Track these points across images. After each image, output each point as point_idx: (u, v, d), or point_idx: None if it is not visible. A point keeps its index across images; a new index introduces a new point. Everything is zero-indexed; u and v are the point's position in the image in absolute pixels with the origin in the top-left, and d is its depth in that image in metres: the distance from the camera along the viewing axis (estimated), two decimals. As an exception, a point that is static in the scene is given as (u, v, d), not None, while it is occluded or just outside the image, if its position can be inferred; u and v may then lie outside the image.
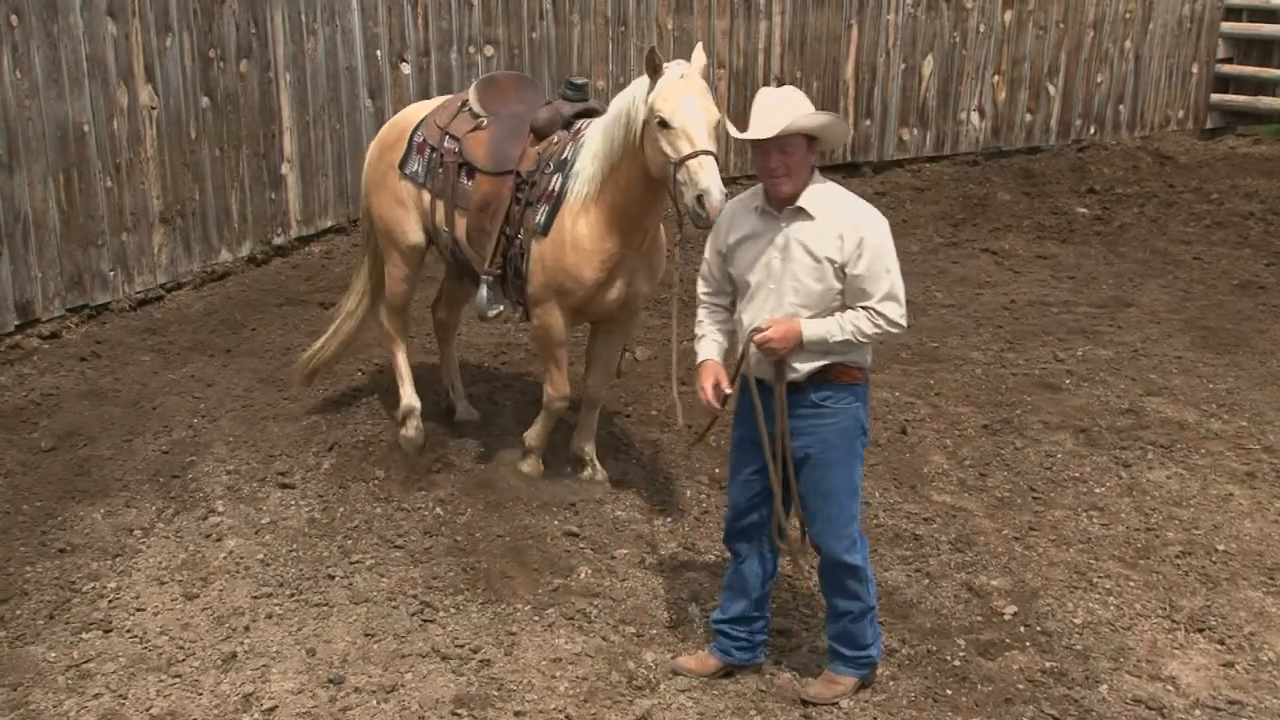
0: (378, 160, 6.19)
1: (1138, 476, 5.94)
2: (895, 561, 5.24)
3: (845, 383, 4.29)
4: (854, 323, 4.16)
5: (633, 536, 5.42)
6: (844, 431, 4.29)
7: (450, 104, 6.05)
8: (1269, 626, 4.75)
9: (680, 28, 10.37)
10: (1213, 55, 12.49)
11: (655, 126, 4.84)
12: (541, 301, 5.52)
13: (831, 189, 4.27)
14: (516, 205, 5.56)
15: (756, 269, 4.28)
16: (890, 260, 4.19)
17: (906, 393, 6.88)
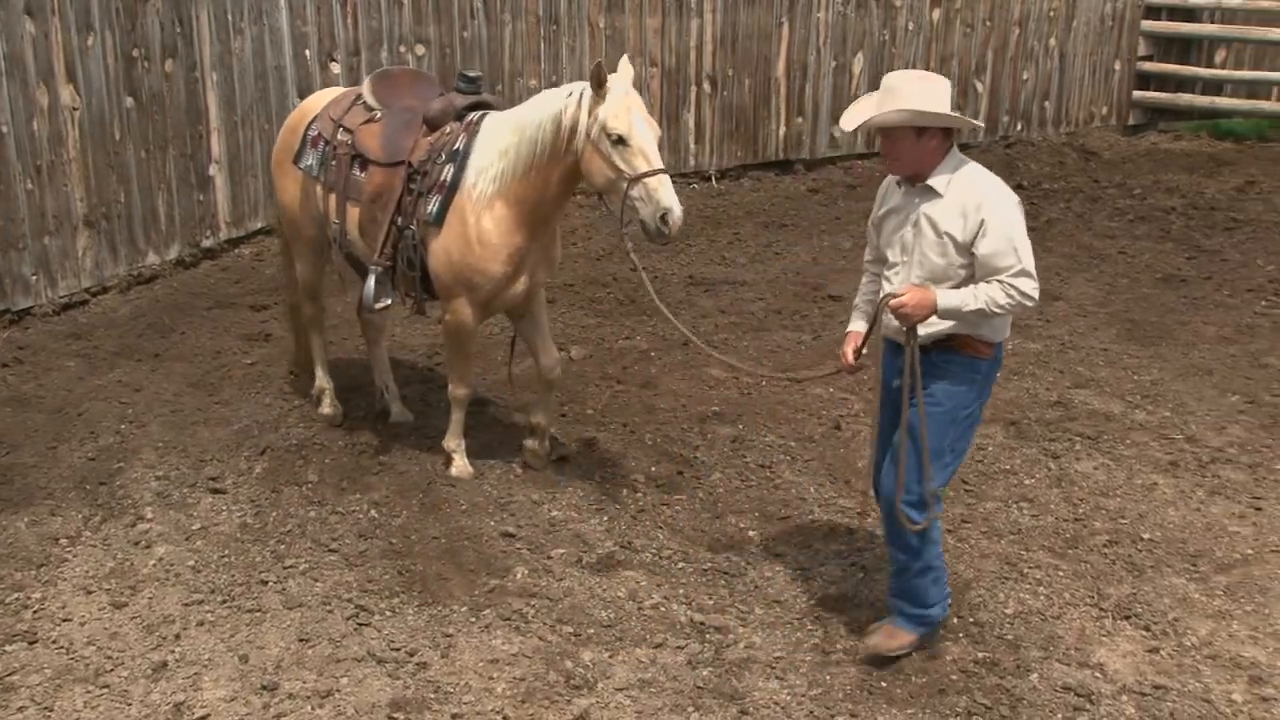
0: (280, 145, 6.31)
1: (1066, 468, 6.03)
2: (831, 556, 5.28)
3: (968, 354, 4.45)
4: (989, 294, 4.26)
5: (569, 536, 5.42)
6: (952, 395, 4.45)
7: (344, 98, 6.06)
8: (1192, 612, 4.85)
9: (612, 26, 10.37)
10: (1134, 53, 12.72)
11: (607, 142, 5.01)
12: (453, 297, 5.59)
13: (964, 169, 4.39)
14: (409, 196, 5.61)
15: (894, 242, 4.52)
16: (1018, 237, 4.29)
17: (840, 388, 6.93)
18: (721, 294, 8.46)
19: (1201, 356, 7.37)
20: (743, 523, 5.55)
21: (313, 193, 6.08)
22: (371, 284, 5.66)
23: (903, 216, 4.47)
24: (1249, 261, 9.07)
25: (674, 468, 6.03)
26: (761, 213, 10.23)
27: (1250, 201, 10.54)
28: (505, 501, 5.68)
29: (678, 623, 4.81)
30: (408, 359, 7.22)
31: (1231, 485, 5.83)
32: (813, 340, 7.66)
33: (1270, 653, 4.60)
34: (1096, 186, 11.11)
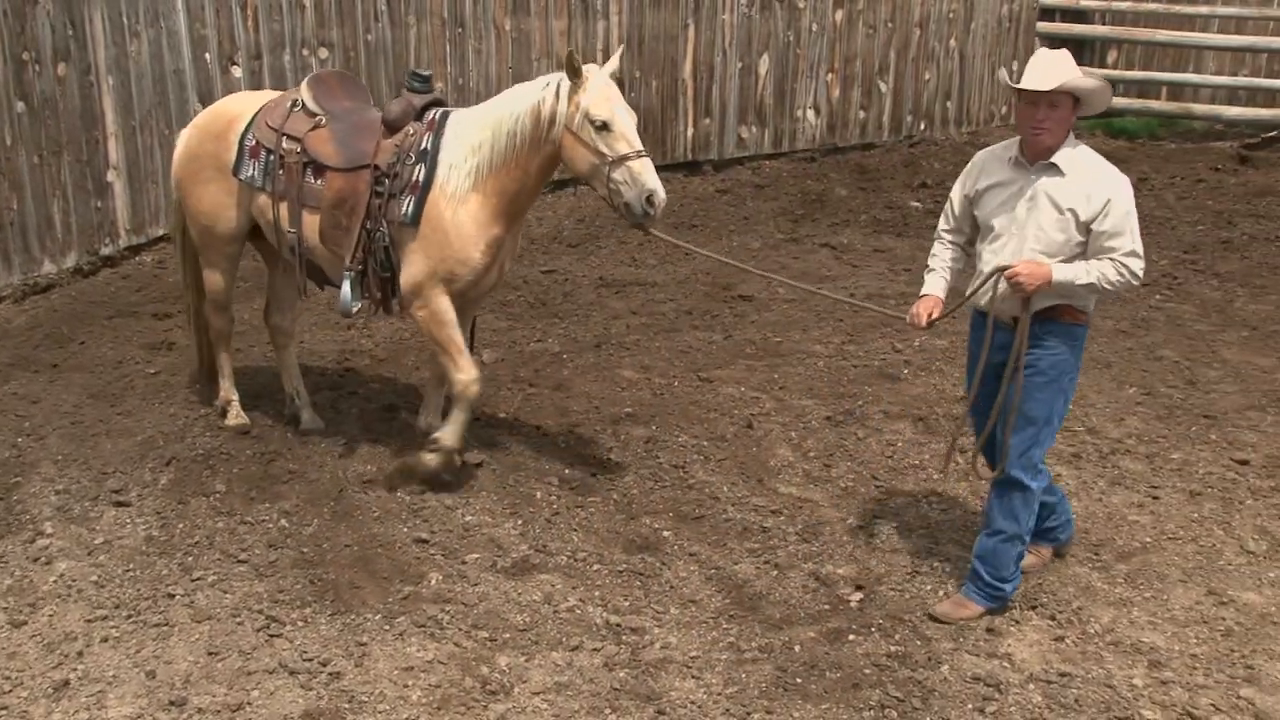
0: (196, 150, 6.05)
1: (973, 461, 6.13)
2: (744, 554, 5.32)
3: (1067, 322, 4.71)
4: (1100, 270, 4.53)
5: (483, 541, 5.39)
6: (1056, 364, 4.72)
7: (278, 104, 5.93)
8: (1095, 600, 4.97)
9: (518, 29, 10.34)
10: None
11: (590, 128, 5.21)
12: (423, 290, 5.58)
13: (1083, 150, 4.67)
14: (376, 199, 5.57)
15: (1002, 215, 4.70)
16: (1133, 219, 4.58)
17: (751, 387, 6.98)
18: (632, 295, 8.48)
19: (1100, 350, 7.54)
20: (657, 523, 5.57)
21: (248, 203, 5.92)
22: (347, 290, 5.65)
23: (1014, 190, 4.69)
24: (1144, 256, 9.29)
25: (588, 470, 6.02)
26: (670, 214, 10.26)
27: (1143, 198, 10.76)
28: (418, 507, 5.63)
29: (593, 625, 4.80)
30: (317, 365, 7.13)
31: (1130, 475, 5.98)
32: (724, 340, 7.71)
33: (1168, 637, 4.73)
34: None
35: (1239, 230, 9.86)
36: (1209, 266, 9.09)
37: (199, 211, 6.08)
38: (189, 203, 6.12)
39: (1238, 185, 11.06)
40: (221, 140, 5.97)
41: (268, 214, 5.88)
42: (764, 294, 8.46)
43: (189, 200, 6.11)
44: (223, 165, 5.96)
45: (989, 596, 4.87)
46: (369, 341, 7.62)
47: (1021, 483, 4.77)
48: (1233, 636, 4.73)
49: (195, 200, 6.07)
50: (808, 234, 9.95)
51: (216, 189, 5.99)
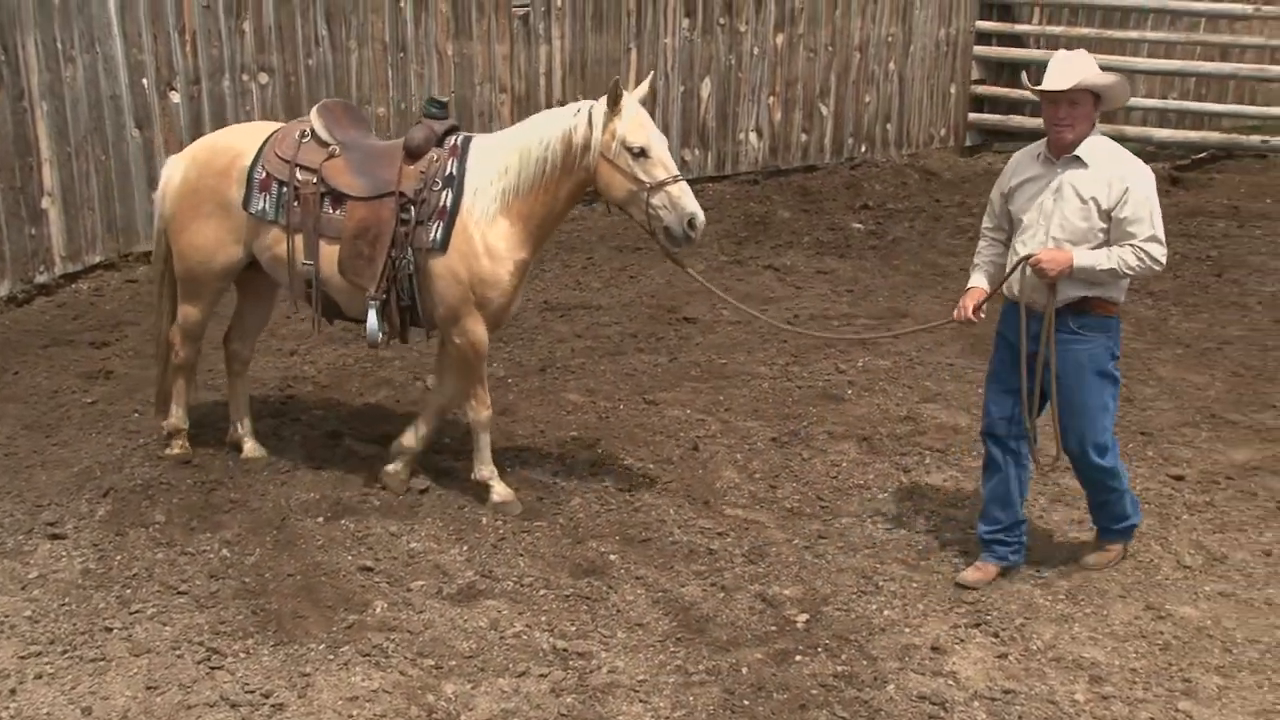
0: (195, 184, 5.87)
1: (917, 481, 6.19)
2: (691, 577, 5.32)
3: (1100, 314, 5.00)
4: (1120, 256, 4.82)
5: (429, 567, 5.35)
6: (1095, 355, 5.02)
7: (285, 135, 5.82)
8: (1037, 616, 5.02)
9: (460, 54, 10.34)
10: (968, 77, 13.21)
11: (627, 155, 5.35)
12: (462, 317, 5.61)
13: (1105, 142, 4.98)
14: (402, 226, 5.54)
15: (1031, 208, 5.01)
16: (1153, 206, 4.86)
17: (697, 409, 7.00)
18: (577, 319, 8.48)
19: (1040, 368, 7.64)
20: (603, 547, 5.55)
21: (251, 238, 5.80)
22: (374, 319, 5.60)
23: (1042, 184, 4.99)
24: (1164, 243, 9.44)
25: (533, 494, 6.00)
26: (615, 237, 10.28)
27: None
28: (363, 535, 5.58)
29: (540, 650, 4.78)
30: (259, 392, 7.05)
31: (1071, 492, 6.04)
32: (669, 362, 7.73)
33: (1109, 652, 4.78)
34: (938, 206, 11.47)
35: (1171, 250, 9.86)
36: (1143, 286, 9.22)
37: (195, 247, 5.88)
38: (182, 237, 5.91)
39: (1169, 206, 11.22)
40: (225, 176, 5.82)
41: (278, 248, 5.76)
42: (709, 316, 8.49)
43: (182, 235, 5.91)
44: (225, 200, 5.80)
45: (1123, 534, 5.38)
46: (312, 368, 7.56)
47: (1100, 466, 5.16)
48: (1171, 650, 4.79)
49: (191, 235, 5.88)
50: (751, 256, 10.01)
51: (217, 224, 5.83)
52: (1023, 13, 13.25)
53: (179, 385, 6.26)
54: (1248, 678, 4.62)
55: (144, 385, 6.98)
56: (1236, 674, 4.64)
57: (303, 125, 5.85)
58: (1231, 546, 5.55)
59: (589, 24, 10.87)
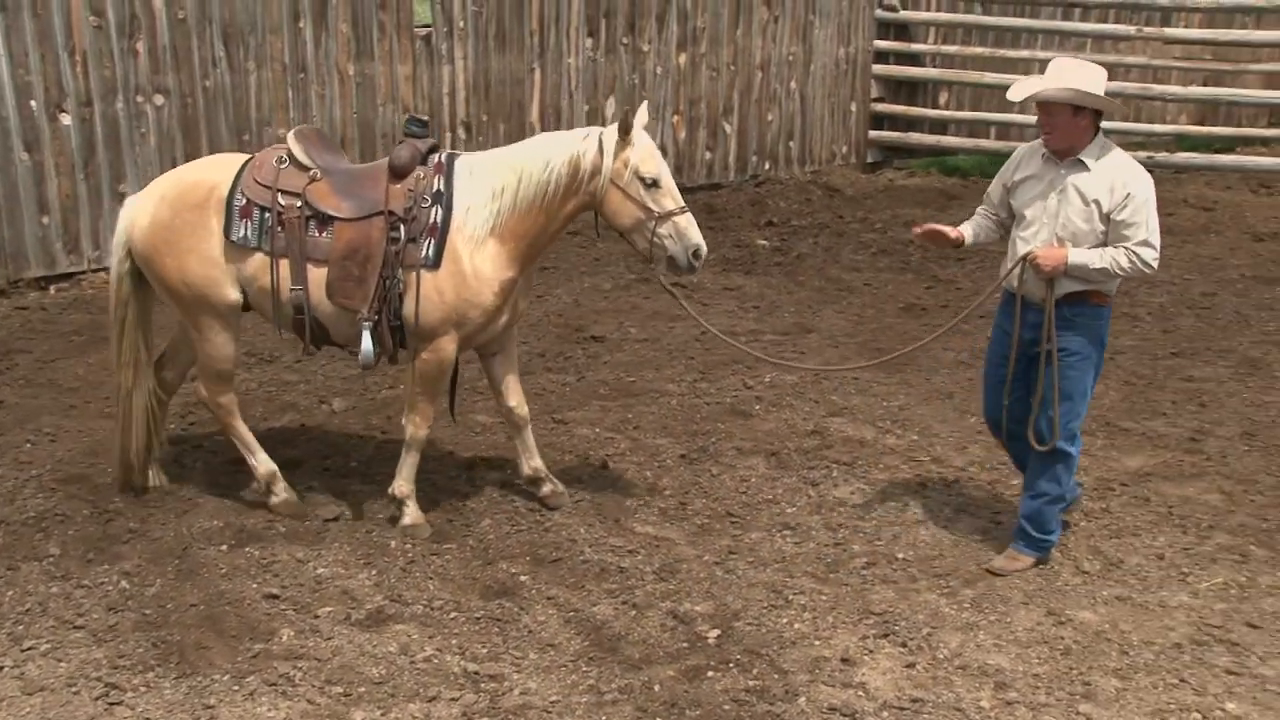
0: (169, 221, 5.68)
1: (825, 494, 6.25)
2: (603, 595, 5.31)
3: (1094, 304, 5.30)
4: (1113, 257, 5.11)
5: (336, 593, 5.27)
6: (1086, 343, 5.32)
7: (262, 162, 5.71)
8: (944, 625, 5.09)
9: (362, 74, 10.25)
10: (867, 95, 13.43)
11: (639, 185, 5.44)
12: (438, 335, 5.59)
13: (1111, 149, 5.23)
14: (392, 245, 5.51)
15: (1034, 205, 5.29)
16: (1150, 212, 5.13)
17: (606, 428, 7.00)
18: (484, 339, 8.44)
19: (942, 381, 7.78)
20: (514, 567, 5.52)
21: (242, 263, 5.65)
22: (369, 342, 5.55)
23: (1045, 184, 5.27)
24: (980, 289, 9.64)
25: (443, 516, 5.96)
26: (522, 256, 10.24)
27: (979, 233, 11.23)
28: (268, 562, 5.48)
29: (451, 674, 4.73)
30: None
31: (974, 503, 6.17)
32: (577, 381, 7.72)
33: (1012, 658, 4.87)
34: (841, 222, 11.63)
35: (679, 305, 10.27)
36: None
37: (186, 283, 5.69)
38: (167, 276, 5.71)
39: (1065, 219, 11.55)
40: (202, 209, 5.67)
41: (262, 275, 5.64)
42: (616, 335, 8.51)
43: (165, 273, 5.71)
44: (208, 231, 5.66)
45: (1037, 548, 5.53)
46: (213, 393, 7.41)
47: (1064, 451, 5.40)
48: (1071, 655, 4.90)
49: (178, 272, 5.68)
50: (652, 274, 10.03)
51: (201, 257, 5.67)
52: (919, 32, 13.52)
53: (241, 430, 5.99)
54: (1144, 679, 4.74)
55: (36, 415, 6.80)
56: (1133, 676, 4.76)
57: (278, 151, 5.76)
58: (1127, 551, 5.69)
59: (491, 44, 10.85)
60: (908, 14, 13.31)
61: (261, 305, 5.77)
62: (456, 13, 10.62)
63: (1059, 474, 5.45)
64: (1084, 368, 5.36)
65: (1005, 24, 13.10)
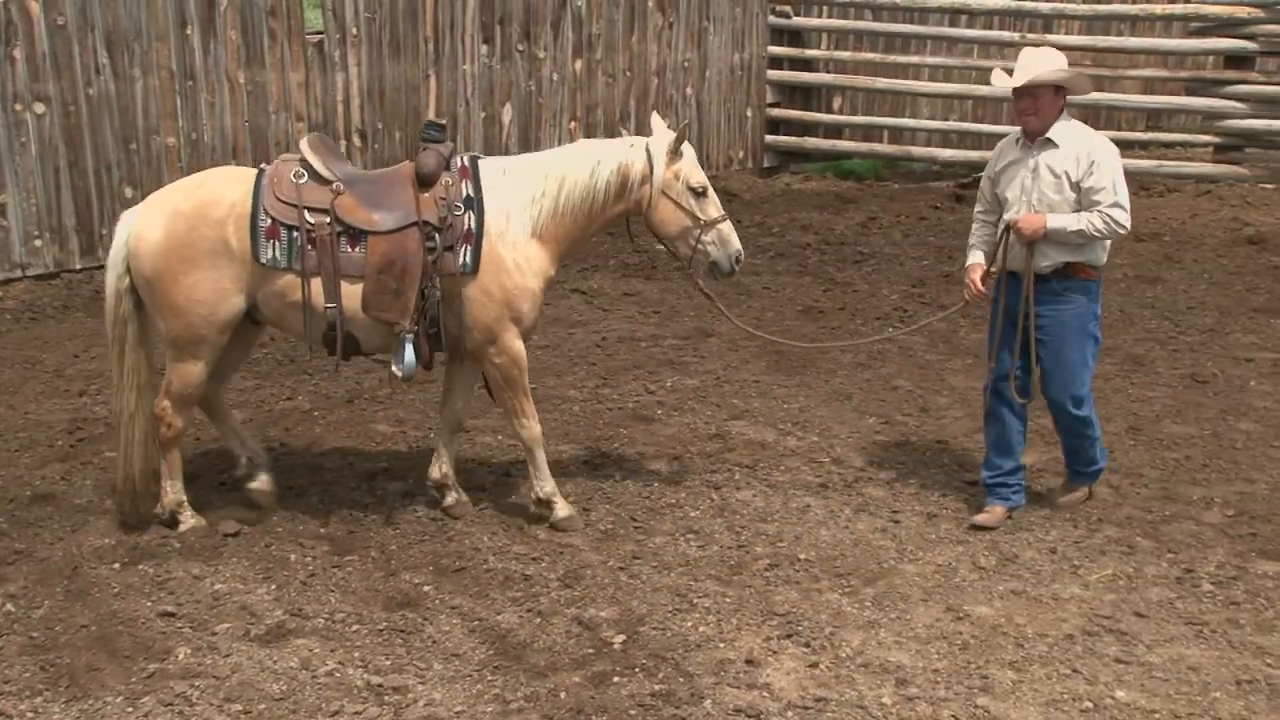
0: (185, 238, 5.48)
1: (727, 497, 6.30)
2: (507, 604, 5.28)
3: (1081, 279, 5.74)
4: (1089, 219, 5.55)
5: (235, 609, 5.17)
6: (1078, 315, 5.76)
7: (279, 177, 5.54)
8: (846, 625, 5.16)
9: (253, 81, 10.08)
10: (763, 100, 13.57)
11: (689, 195, 5.74)
12: (499, 333, 5.68)
13: (1074, 125, 5.72)
14: (429, 255, 5.50)
15: (1013, 186, 5.77)
16: (1117, 176, 5.60)
17: (509, 436, 6.96)
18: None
19: (841, 383, 7.89)
20: (417, 578, 5.47)
21: (254, 287, 5.53)
22: (410, 354, 5.57)
23: (1021, 166, 5.73)
24: (876, 291, 9.81)
25: (344, 527, 5.88)
26: (420, 264, 10.16)
27: (873, 236, 11.42)
28: (163, 579, 5.36)
29: (354, 687, 4.67)
30: (45, 436, 6.71)
31: (874, 502, 6.26)
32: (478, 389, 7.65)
33: (913, 655, 4.95)
34: (739, 226, 11.51)
35: (958, 264, 10.42)
36: (934, 299, 9.64)
37: (194, 301, 5.50)
38: (174, 294, 5.51)
39: (955, 222, 11.79)
40: (222, 226, 5.49)
41: (291, 294, 5.53)
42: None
43: (174, 291, 5.50)
44: (224, 250, 5.49)
45: (1090, 477, 6.12)
46: (103, 409, 7.23)
47: (1078, 415, 5.89)
48: (969, 649, 4.99)
49: (187, 290, 5.49)
50: (558, 279, 9.92)
51: (216, 276, 5.49)
52: (811, 38, 13.70)
53: (173, 456, 5.81)
54: (1038, 670, 4.85)
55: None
56: (1029, 668, 4.87)
57: (291, 165, 5.60)
58: (1021, 546, 5.82)
59: (386, 51, 10.74)
60: (800, 20, 13.49)
61: (286, 322, 5.70)
62: (349, 19, 10.50)
63: (1081, 429, 5.95)
64: (1080, 338, 5.78)
65: (895, 30, 13.33)
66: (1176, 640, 5.05)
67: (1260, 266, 10.29)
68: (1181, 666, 4.86)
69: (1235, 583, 5.48)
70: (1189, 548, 5.80)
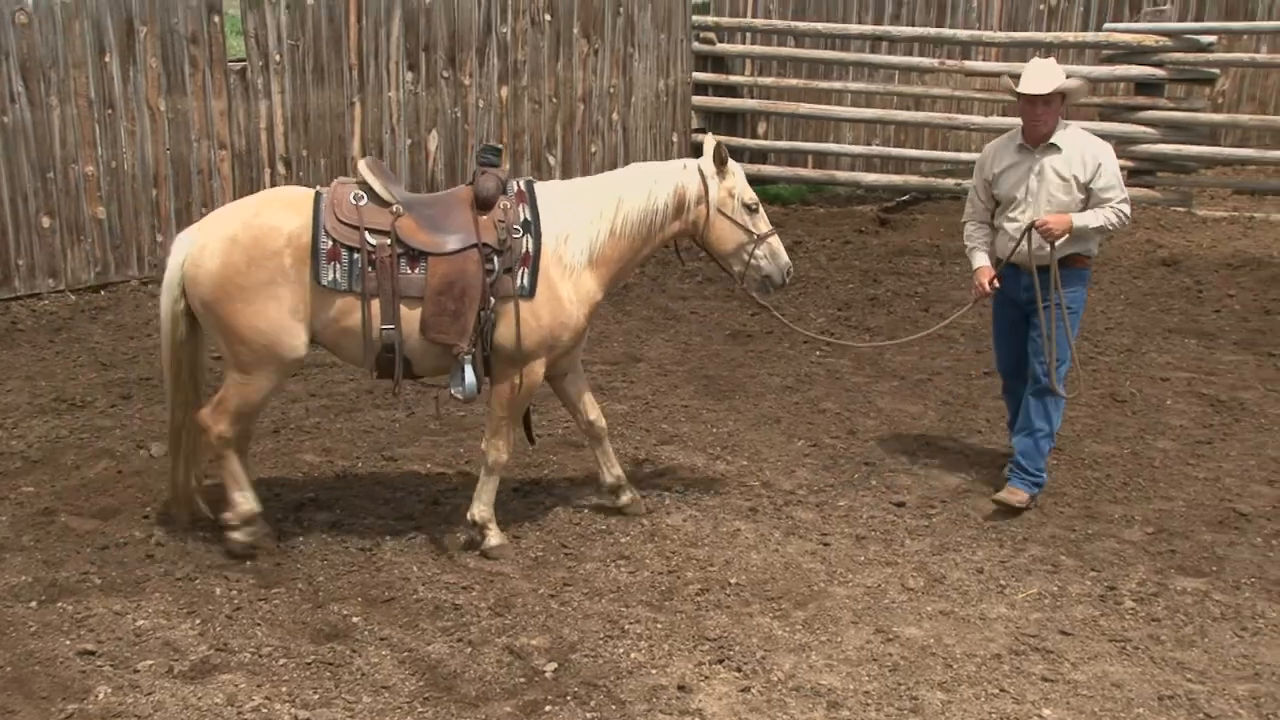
0: (243, 266, 5.45)
1: (658, 522, 6.29)
2: (437, 634, 5.23)
3: (1077, 267, 6.32)
4: (1105, 215, 6.14)
5: (158, 645, 5.06)
6: (1072, 298, 6.31)
7: (339, 199, 5.55)
8: (777, 648, 5.17)
9: (174, 109, 9.93)
10: (689, 126, 13.65)
11: (744, 211, 5.98)
12: (531, 359, 5.75)
13: (1074, 130, 6.27)
14: (488, 277, 5.57)
15: (1019, 188, 6.24)
16: (1119, 175, 6.22)
17: (437, 464, 6.92)
18: (310, 377, 8.25)
19: (770, 406, 7.93)
20: (346, 609, 5.40)
21: (313, 311, 5.54)
22: (471, 374, 5.63)
23: (1024, 169, 6.23)
24: (803, 315, 9.89)
25: (270, 559, 5.79)
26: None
27: (799, 260, 11.49)
28: (82, 617, 5.24)
29: (282, 724, 4.60)
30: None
31: (803, 525, 6.30)
32: (407, 417, 7.62)
33: (844, 677, 4.98)
34: (666, 251, 11.72)
35: (883, 287, 10.64)
36: (860, 322, 9.74)
37: (256, 329, 5.50)
38: (234, 322, 5.51)
39: (880, 245, 11.94)
40: (280, 255, 5.47)
41: (348, 318, 5.56)
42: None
43: (234, 319, 5.51)
44: (283, 280, 5.49)
45: (1032, 484, 6.39)
46: (20, 442, 7.07)
47: (1055, 391, 6.33)
48: (899, 671, 5.03)
49: (248, 319, 5.50)
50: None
51: (278, 304, 5.48)
52: (735, 64, 13.82)
53: (233, 465, 5.78)
54: (967, 690, 4.90)
55: None
56: (957, 688, 4.92)
57: (349, 187, 5.62)
58: (949, 567, 5.89)
59: (310, 78, 10.65)
60: (724, 46, 13.60)
61: (342, 346, 5.71)
62: (272, 46, 10.39)
63: (1049, 411, 6.38)
64: (1072, 319, 6.34)
65: (818, 56, 13.48)
66: (1100, 657, 5.13)
67: (1174, 288, 10.54)
68: (1106, 684, 4.94)
69: (1156, 599, 5.59)
70: (1111, 565, 5.90)
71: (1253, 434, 7.50)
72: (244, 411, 5.77)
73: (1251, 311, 9.98)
